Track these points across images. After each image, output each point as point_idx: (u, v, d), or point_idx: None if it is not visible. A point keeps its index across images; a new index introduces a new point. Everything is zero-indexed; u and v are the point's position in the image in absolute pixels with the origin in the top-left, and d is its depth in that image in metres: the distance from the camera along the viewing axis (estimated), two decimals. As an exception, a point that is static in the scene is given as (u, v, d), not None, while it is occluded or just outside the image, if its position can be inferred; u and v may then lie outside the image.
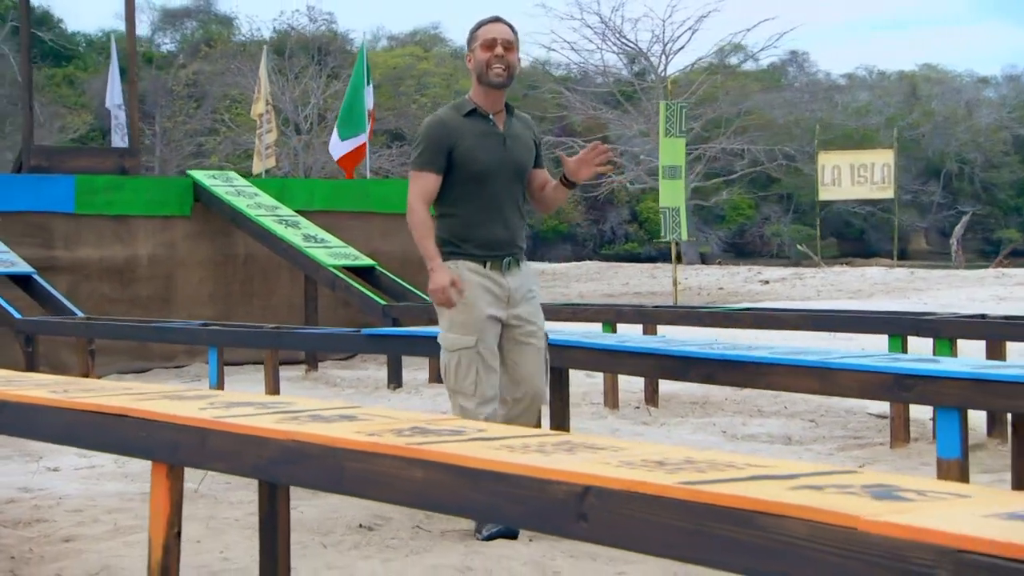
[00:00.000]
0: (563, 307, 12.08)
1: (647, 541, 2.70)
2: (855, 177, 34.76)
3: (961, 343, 8.57)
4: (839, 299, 24.56)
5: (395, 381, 11.85)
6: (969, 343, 9.03)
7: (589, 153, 5.94)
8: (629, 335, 9.18)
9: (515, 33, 6.05)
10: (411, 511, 6.10)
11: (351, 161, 20.33)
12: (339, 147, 20.31)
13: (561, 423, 7.28)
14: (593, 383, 10.86)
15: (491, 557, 5.50)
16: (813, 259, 38.18)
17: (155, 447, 3.92)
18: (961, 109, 63.22)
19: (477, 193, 5.98)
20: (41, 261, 13.58)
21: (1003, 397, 4.99)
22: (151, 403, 4.07)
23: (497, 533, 5.81)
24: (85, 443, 4.28)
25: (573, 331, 8.53)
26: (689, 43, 75.81)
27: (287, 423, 3.62)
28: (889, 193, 35.59)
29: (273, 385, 9.79)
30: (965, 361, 6.01)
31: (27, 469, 8.22)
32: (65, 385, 4.69)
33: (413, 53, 62.59)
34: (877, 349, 9.37)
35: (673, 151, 22.26)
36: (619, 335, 8.34)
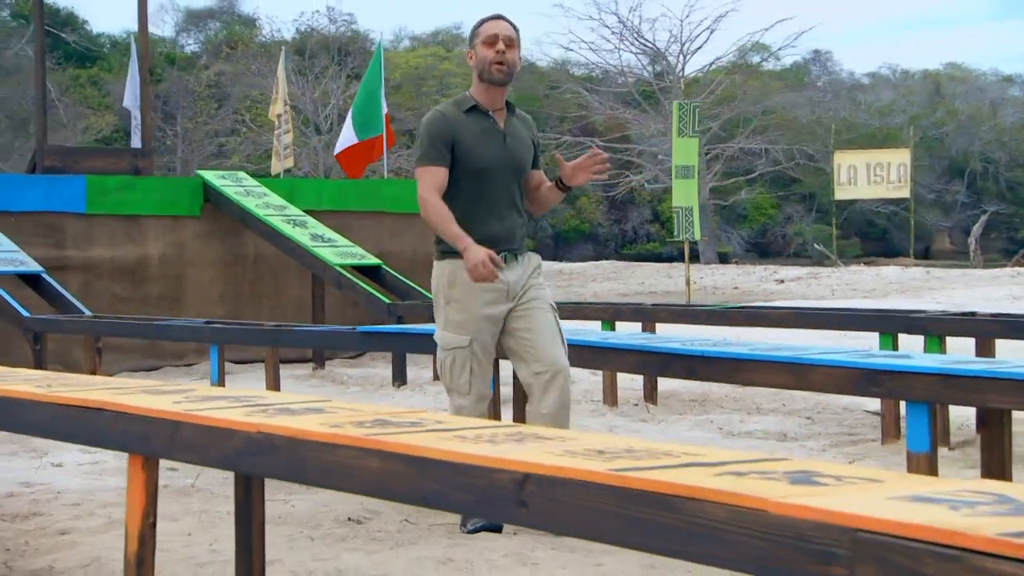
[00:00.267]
0: (562, 305, 12.16)
1: (581, 525, 2.80)
2: (871, 176, 34.80)
3: (952, 341, 8.64)
4: (853, 298, 24.62)
5: (400, 379, 11.97)
6: (960, 341, 9.10)
7: (587, 160, 5.96)
8: (618, 333, 9.29)
9: (517, 31, 6.08)
10: (401, 505, 6.20)
11: (358, 160, 20.13)
12: (343, 144, 20.17)
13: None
14: (595, 381, 10.96)
15: (473, 549, 5.61)
16: (831, 258, 38.19)
17: (130, 440, 4.04)
18: (985, 108, 63.09)
19: (476, 190, 6.02)
20: (53, 260, 13.74)
21: (969, 392, 5.09)
22: (128, 397, 4.18)
23: (482, 527, 5.90)
24: (66, 436, 4.40)
25: (565, 329, 8.60)
26: (707, 43, 75.82)
27: (255, 415, 3.72)
28: (905, 192, 35.60)
29: (273, 382, 9.90)
30: (935, 357, 6.10)
31: (31, 465, 8.36)
32: (50, 380, 4.81)
33: (435, 53, 62.72)
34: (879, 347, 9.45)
35: (686, 151, 22.39)
36: (606, 332, 8.42)
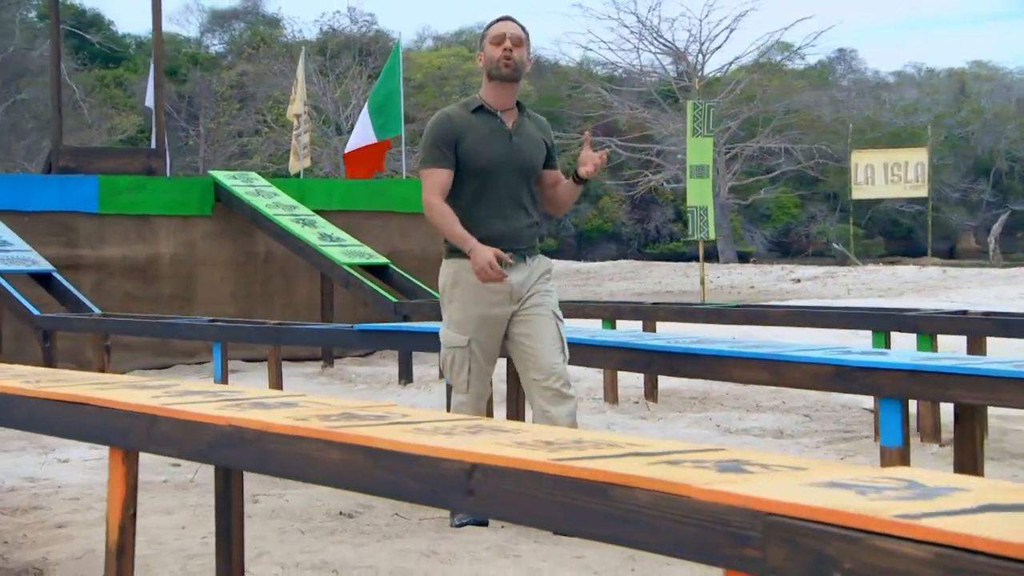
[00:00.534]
0: (564, 304, 12.24)
1: (525, 513, 2.92)
2: (889, 176, 34.82)
3: (944, 339, 8.72)
4: (868, 298, 24.66)
5: (406, 377, 12.10)
6: (952, 339, 9.18)
7: (586, 149, 6.06)
8: (615, 331, 9.39)
9: (525, 32, 6.14)
10: (393, 500, 6.31)
11: (370, 160, 20.10)
12: (353, 142, 20.13)
13: (516, 415, 7.49)
14: (597, 378, 11.06)
15: (458, 542, 5.72)
16: (850, 258, 38.21)
17: (111, 433, 4.16)
18: (1011, 106, 62.85)
19: (480, 189, 6.04)
20: (66, 259, 13.91)
21: (938, 387, 5.19)
22: (110, 392, 4.31)
23: (468, 521, 6.01)
24: (50, 430, 4.53)
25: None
26: (726, 42, 75.72)
27: (228, 409, 3.84)
28: (923, 192, 35.61)
29: (276, 379, 10.01)
30: (908, 354, 6.20)
31: (37, 460, 8.51)
32: (39, 376, 4.94)
33: (458, 53, 62.79)
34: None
35: (701, 151, 22.44)
36: (594, 330, 8.51)
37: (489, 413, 6.75)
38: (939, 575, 2.06)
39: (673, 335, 7.97)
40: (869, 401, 9.59)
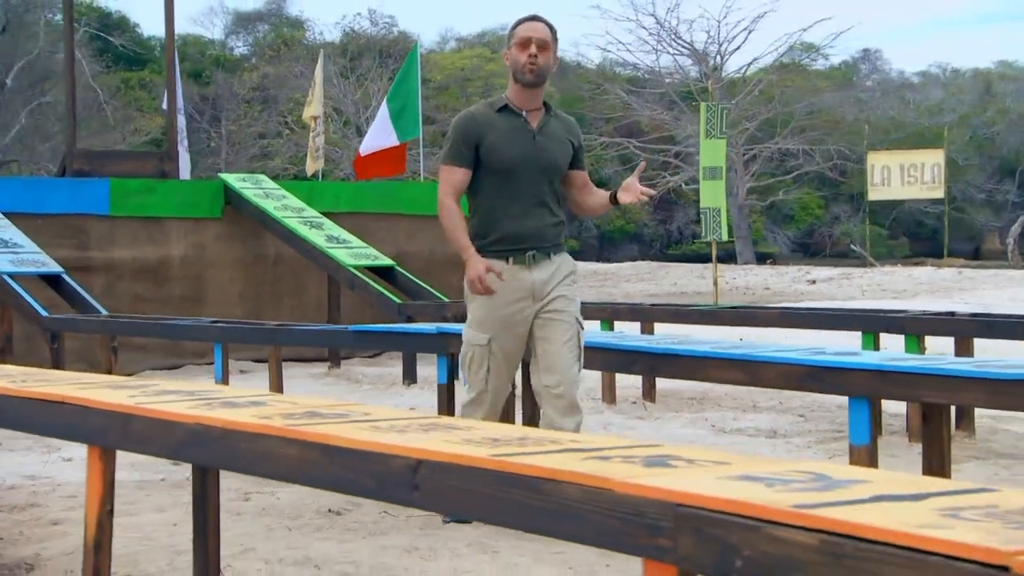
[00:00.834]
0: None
1: (466, 507, 3.04)
2: (905, 177, 34.84)
3: (932, 340, 8.82)
4: (882, 299, 24.71)
5: (410, 377, 12.23)
6: (942, 340, 9.28)
7: (634, 182, 6.05)
8: (610, 333, 9.51)
9: (553, 32, 6.12)
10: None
11: (388, 162, 20.10)
12: (371, 143, 20.11)
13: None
14: (596, 378, 11.15)
15: (439, 539, 5.84)
16: (866, 259, 38.21)
17: (88, 432, 4.30)
18: (1037, 106, 62.60)
19: (502, 187, 6.06)
20: (78, 261, 14.10)
21: (904, 387, 5.30)
22: (90, 391, 4.44)
23: (453, 518, 6.11)
24: (31, 428, 4.67)
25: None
26: (745, 43, 75.70)
27: (199, 409, 3.97)
28: (939, 193, 35.64)
29: (276, 380, 10.14)
30: (878, 355, 6.30)
31: (41, 459, 8.67)
32: (25, 376, 5.07)
33: (480, 55, 62.89)
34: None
35: (714, 152, 22.54)
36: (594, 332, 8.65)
37: (506, 413, 6.80)
38: (826, 560, 2.19)
39: (666, 336, 8.08)
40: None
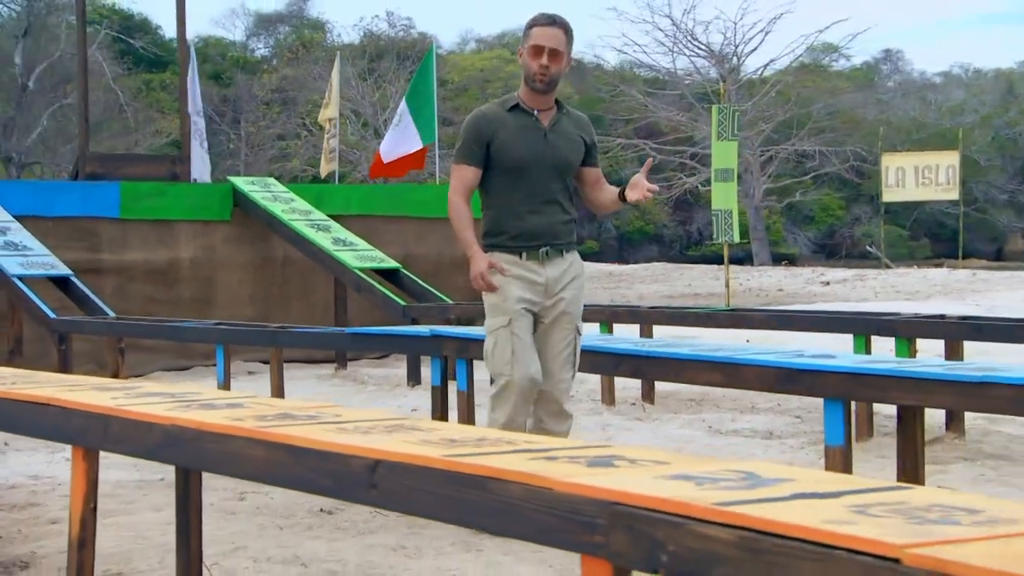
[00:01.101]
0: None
1: (421, 505, 3.15)
2: (920, 179, 34.84)
3: (923, 342, 8.89)
4: (895, 300, 24.73)
5: (414, 379, 12.33)
6: (933, 342, 9.36)
7: (641, 178, 6.05)
8: (609, 336, 9.61)
9: (568, 34, 6.12)
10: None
11: (407, 166, 20.18)
12: (396, 149, 20.14)
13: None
14: (596, 380, 11.23)
15: (425, 537, 5.96)
16: (881, 259, 38.21)
17: (71, 433, 4.42)
18: (1060, 107, 62.35)
19: (514, 185, 6.11)
20: (89, 264, 14.24)
21: (877, 389, 5.40)
22: (75, 393, 4.55)
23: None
24: (20, 430, 4.80)
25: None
26: (762, 44, 75.39)
27: (176, 410, 4.08)
28: (954, 195, 35.63)
29: (278, 381, 10.25)
30: (855, 357, 6.39)
31: (46, 459, 8.79)
32: (16, 379, 5.19)
33: (500, 56, 62.95)
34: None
35: (725, 154, 22.57)
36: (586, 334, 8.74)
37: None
38: (744, 555, 2.30)
39: (663, 339, 8.18)
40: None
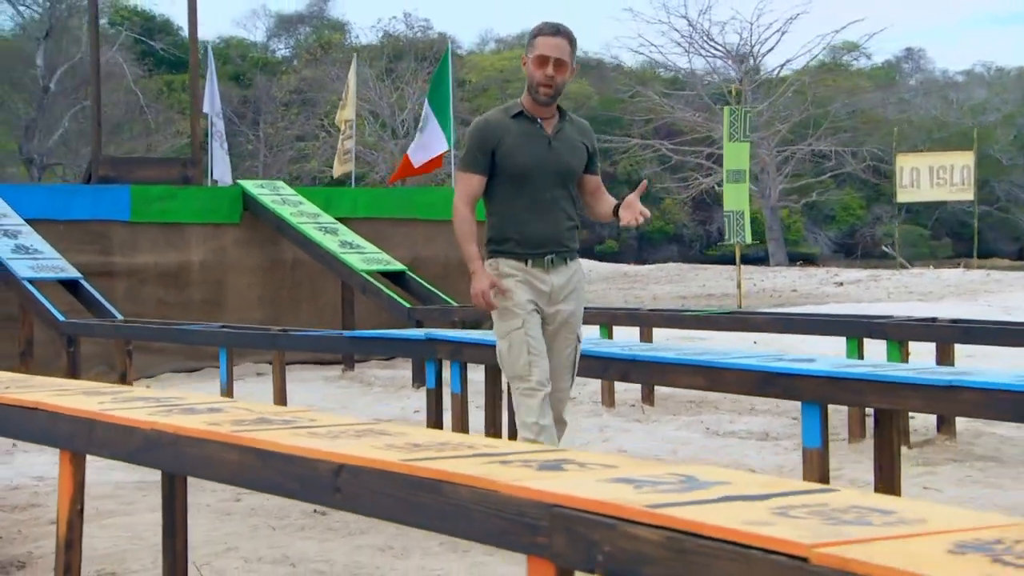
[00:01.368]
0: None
1: (382, 508, 3.26)
2: (934, 179, 34.80)
3: (916, 345, 8.97)
4: (908, 301, 24.74)
5: (419, 380, 12.43)
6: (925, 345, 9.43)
7: (634, 199, 6.01)
8: (609, 340, 9.71)
9: (572, 44, 6.14)
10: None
11: (427, 167, 20.26)
12: (425, 153, 20.16)
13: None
14: (597, 382, 11.32)
15: (414, 538, 6.06)
16: (898, 260, 38.19)
17: (58, 437, 4.54)
18: (1083, 105, 62.07)
19: (519, 192, 6.11)
20: (101, 267, 14.40)
21: (852, 393, 5.50)
22: (63, 398, 4.67)
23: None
24: (10, 434, 4.92)
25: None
26: (778, 44, 75.26)
27: (157, 415, 4.20)
28: (969, 195, 35.56)
29: (280, 383, 10.35)
30: (832, 361, 6.48)
31: (51, 460, 8.87)
32: (7, 383, 5.31)
33: (520, 56, 62.91)
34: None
35: (737, 155, 22.65)
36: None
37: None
38: (672, 556, 2.41)
39: (660, 344, 8.28)
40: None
